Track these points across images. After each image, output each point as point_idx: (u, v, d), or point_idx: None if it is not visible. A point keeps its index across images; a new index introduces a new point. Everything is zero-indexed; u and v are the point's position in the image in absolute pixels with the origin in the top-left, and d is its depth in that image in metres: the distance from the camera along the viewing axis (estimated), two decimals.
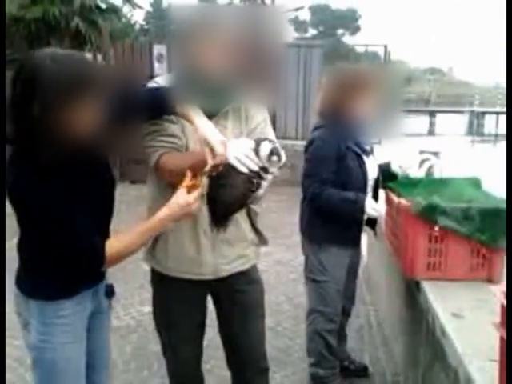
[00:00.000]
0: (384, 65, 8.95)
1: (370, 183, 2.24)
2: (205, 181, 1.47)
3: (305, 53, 7.91)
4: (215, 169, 1.44)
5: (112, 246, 1.36)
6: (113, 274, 1.60)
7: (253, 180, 1.47)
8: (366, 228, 2.37)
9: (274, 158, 1.43)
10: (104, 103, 1.29)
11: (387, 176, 2.33)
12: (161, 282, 1.79)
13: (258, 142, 1.46)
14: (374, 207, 2.11)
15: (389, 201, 2.36)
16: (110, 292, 1.59)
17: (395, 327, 2.66)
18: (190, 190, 1.40)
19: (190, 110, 1.49)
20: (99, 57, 7.71)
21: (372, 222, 2.34)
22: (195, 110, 1.49)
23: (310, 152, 2.21)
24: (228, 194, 1.49)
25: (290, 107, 7.99)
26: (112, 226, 1.51)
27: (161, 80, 1.69)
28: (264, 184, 1.49)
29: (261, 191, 1.51)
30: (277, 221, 5.23)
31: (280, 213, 5.62)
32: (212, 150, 1.42)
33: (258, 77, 2.21)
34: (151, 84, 1.67)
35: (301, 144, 7.01)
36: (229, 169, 1.43)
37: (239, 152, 1.41)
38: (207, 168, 1.43)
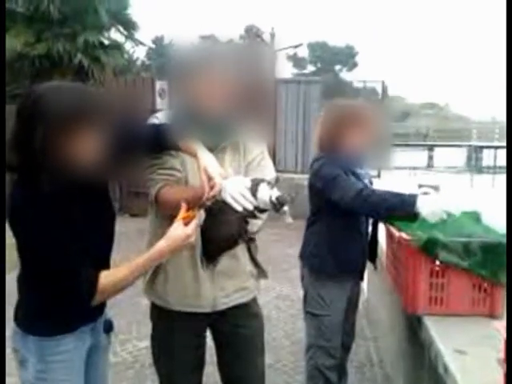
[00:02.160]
0: (381, 100, 9.10)
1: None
2: (202, 213, 1.48)
3: (304, 88, 8.07)
4: (211, 199, 1.45)
5: (108, 278, 1.33)
6: (110, 309, 1.59)
7: (246, 219, 1.48)
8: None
9: (285, 208, 1.44)
10: (106, 135, 1.31)
11: None
12: (160, 316, 1.78)
13: (255, 183, 1.47)
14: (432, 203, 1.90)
15: (389, 235, 2.36)
16: (108, 327, 1.57)
17: (397, 363, 2.62)
18: (186, 221, 1.40)
19: (191, 144, 1.51)
20: (101, 90, 7.84)
21: (372, 256, 2.33)
22: (197, 143, 1.51)
23: (320, 179, 2.15)
24: (221, 232, 1.50)
25: (289, 141, 8.11)
26: (112, 259, 1.50)
27: (161, 115, 1.72)
28: (258, 222, 1.50)
29: (255, 228, 1.52)
30: (276, 254, 5.21)
31: (279, 246, 5.60)
32: (210, 179, 1.43)
33: (256, 113, 2.25)
34: (152, 119, 1.70)
35: (300, 177, 7.12)
36: (223, 206, 1.44)
37: (235, 190, 1.42)
38: (204, 198, 1.44)
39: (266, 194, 1.44)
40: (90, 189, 1.38)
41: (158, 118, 1.69)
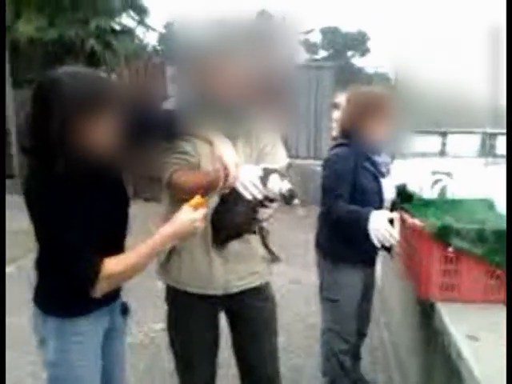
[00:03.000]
0: (395, 86, 9.01)
1: (387, 205, 2.24)
2: (215, 199, 1.49)
3: (316, 74, 7.99)
4: (227, 188, 1.48)
5: (115, 265, 1.34)
6: (126, 293, 1.61)
7: (256, 208, 1.49)
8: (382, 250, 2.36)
9: (296, 201, 1.46)
10: (121, 121, 1.32)
11: (403, 197, 2.33)
12: (174, 298, 1.81)
13: (267, 172, 1.48)
14: (380, 227, 1.98)
15: (403, 221, 2.35)
16: (125, 310, 1.60)
17: (409, 349, 2.63)
18: (196, 208, 1.40)
19: (207, 131, 1.53)
20: (113, 77, 7.84)
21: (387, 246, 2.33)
22: (213, 130, 1.53)
23: (327, 168, 2.23)
24: (230, 220, 1.53)
25: (301, 127, 8.04)
26: (127, 245, 1.52)
27: (174, 102, 1.74)
28: (268, 211, 1.51)
29: (264, 216, 1.53)
30: (289, 240, 5.21)
31: (292, 232, 5.61)
32: (225, 169, 1.45)
33: (270, 100, 2.25)
34: (166, 105, 1.71)
35: (312, 163, 7.08)
36: (233, 194, 1.46)
37: (246, 179, 1.44)
38: (219, 187, 1.46)
39: (277, 185, 1.46)
40: (105, 174, 1.40)
41: (172, 104, 1.71)
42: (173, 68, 7.53)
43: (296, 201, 1.46)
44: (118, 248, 1.45)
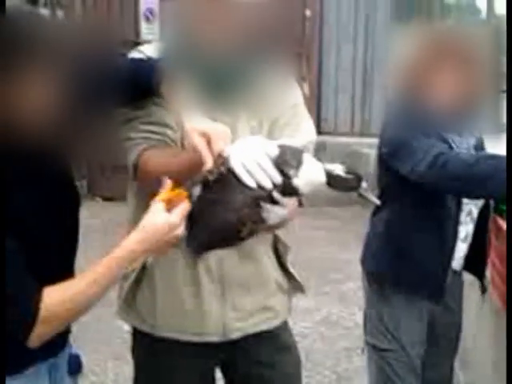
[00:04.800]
0: (486, 21, 8.91)
1: (473, 209, 2.19)
2: (197, 191, 1.48)
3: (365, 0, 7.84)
4: (214, 172, 1.45)
5: (55, 299, 1.32)
6: (76, 339, 1.61)
7: (259, 203, 1.46)
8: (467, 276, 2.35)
9: (364, 184, 1.46)
10: (66, 79, 1.31)
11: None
12: (147, 349, 1.82)
13: (293, 152, 1.47)
14: None
15: (496, 230, 2.33)
16: (75, 366, 1.61)
17: None
18: (169, 204, 1.39)
19: (174, 92, 1.50)
20: (60, 15, 7.87)
21: (478, 267, 2.32)
22: (182, 93, 1.51)
23: (386, 143, 2.18)
24: (217, 215, 1.49)
25: (342, 85, 7.93)
26: (77, 265, 1.52)
27: (149, 49, 1.72)
28: (278, 211, 1.49)
29: (271, 220, 1.51)
30: (320, 258, 5.21)
31: (327, 246, 5.60)
32: (209, 143, 1.42)
33: (287, 43, 2.26)
34: (135, 54, 1.70)
35: (358, 142, 6.96)
36: (228, 178, 1.44)
37: (249, 157, 1.42)
38: (205, 169, 1.44)
39: (318, 168, 1.44)
40: (42, 162, 1.38)
41: (144, 53, 1.69)
42: (149, 1, 7.55)
43: (365, 184, 1.45)
44: (63, 272, 1.43)
